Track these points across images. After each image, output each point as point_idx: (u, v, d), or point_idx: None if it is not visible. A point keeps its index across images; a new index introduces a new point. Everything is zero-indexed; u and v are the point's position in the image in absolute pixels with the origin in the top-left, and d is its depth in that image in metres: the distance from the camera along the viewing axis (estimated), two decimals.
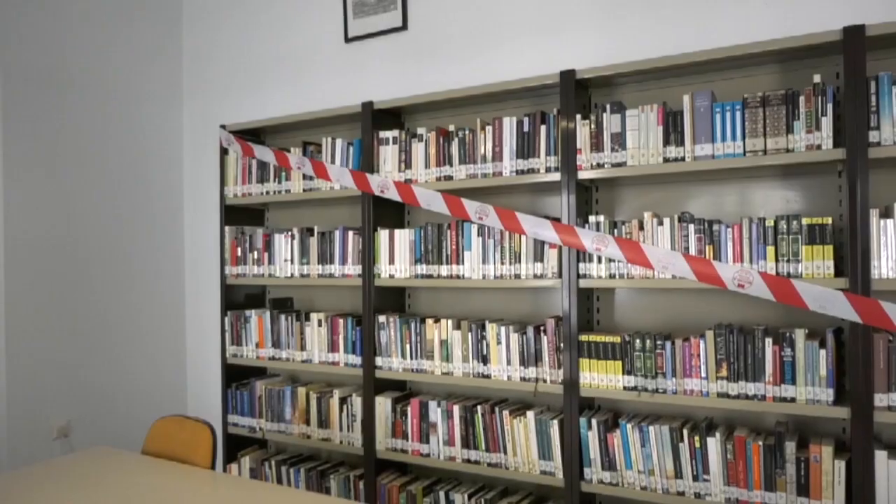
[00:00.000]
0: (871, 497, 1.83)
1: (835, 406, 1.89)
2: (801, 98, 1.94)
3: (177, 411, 3.56)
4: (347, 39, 3.06)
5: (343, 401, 2.74)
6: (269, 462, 2.96)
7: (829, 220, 1.91)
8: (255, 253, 3.00)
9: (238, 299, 3.17)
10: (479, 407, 2.43)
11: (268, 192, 2.97)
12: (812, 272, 1.92)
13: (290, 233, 2.90)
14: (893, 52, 2.00)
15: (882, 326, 1.80)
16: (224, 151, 3.12)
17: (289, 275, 2.89)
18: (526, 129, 2.36)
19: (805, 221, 1.93)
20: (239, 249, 3.06)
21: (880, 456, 1.82)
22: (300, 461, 2.97)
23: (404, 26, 2.91)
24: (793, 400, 1.94)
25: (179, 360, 3.61)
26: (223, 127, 3.12)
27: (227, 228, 3.09)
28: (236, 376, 3.12)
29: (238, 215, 3.18)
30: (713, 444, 2.03)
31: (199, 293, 3.59)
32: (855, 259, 1.84)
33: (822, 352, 1.90)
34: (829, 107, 1.91)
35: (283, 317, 2.92)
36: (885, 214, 1.84)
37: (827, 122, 1.91)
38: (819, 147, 1.92)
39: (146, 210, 3.44)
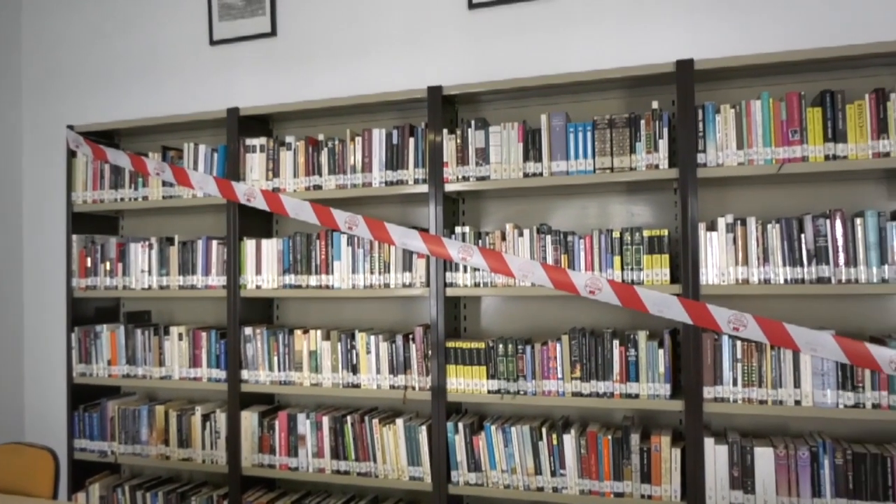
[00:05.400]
0: (701, 479, 2.04)
1: (672, 400, 2.09)
2: (642, 122, 2.15)
3: (13, 438, 3.21)
4: (213, 42, 2.96)
5: (206, 417, 2.62)
6: (121, 488, 2.75)
7: (666, 233, 2.12)
8: (108, 263, 2.80)
9: (87, 313, 2.93)
10: (348, 417, 2.43)
11: (122, 199, 2.79)
12: (652, 279, 2.12)
13: (147, 242, 2.73)
14: (718, 84, 2.27)
15: (709, 327, 2.03)
16: (72, 154, 2.88)
17: (146, 286, 2.72)
18: (395, 141, 2.41)
19: (646, 233, 2.13)
20: (89, 260, 2.84)
21: (709, 442, 2.05)
22: (158, 484, 2.79)
23: (273, 32, 2.86)
24: (636, 396, 2.12)
25: (16, 382, 3.26)
26: (70, 127, 2.89)
27: (74, 237, 2.85)
28: (85, 397, 2.88)
29: (88, 223, 2.94)
30: (569, 440, 2.17)
31: (41, 308, 3.27)
32: (686, 267, 2.06)
33: (661, 351, 2.11)
34: (665, 131, 2.13)
35: (139, 331, 2.74)
36: (711, 227, 2.08)
37: (663, 145, 2.13)
38: (657, 167, 2.13)
39: None
